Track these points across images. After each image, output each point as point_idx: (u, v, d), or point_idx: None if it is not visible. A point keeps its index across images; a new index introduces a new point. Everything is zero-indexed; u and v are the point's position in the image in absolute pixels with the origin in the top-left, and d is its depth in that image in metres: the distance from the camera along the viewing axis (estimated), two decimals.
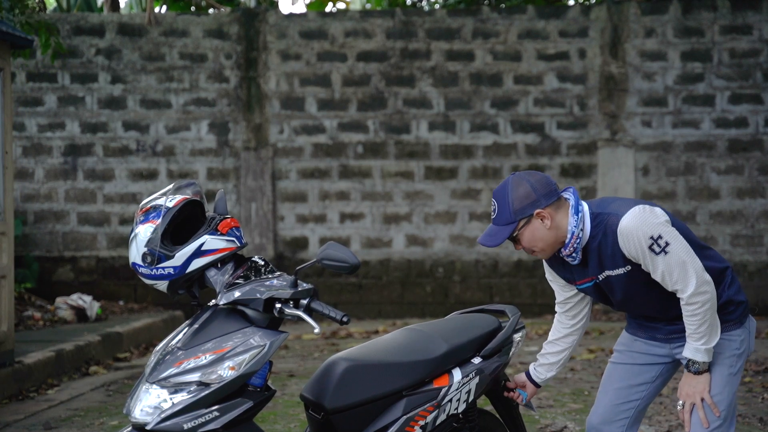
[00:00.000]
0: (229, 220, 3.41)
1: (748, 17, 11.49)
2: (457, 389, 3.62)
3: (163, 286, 3.36)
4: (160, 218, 3.32)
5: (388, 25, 11.73)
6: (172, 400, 3.16)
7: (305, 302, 3.31)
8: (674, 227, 3.39)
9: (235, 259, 3.42)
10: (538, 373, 3.82)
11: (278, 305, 3.28)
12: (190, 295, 3.44)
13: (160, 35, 11.74)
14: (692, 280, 3.31)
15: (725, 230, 11.44)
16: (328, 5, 14.86)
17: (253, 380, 3.27)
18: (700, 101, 11.49)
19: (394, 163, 11.67)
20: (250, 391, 3.28)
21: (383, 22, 11.74)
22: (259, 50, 11.74)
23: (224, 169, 11.73)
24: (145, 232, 3.32)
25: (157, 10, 13.52)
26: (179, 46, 11.76)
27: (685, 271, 3.31)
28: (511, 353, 3.84)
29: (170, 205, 3.36)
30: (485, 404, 4.69)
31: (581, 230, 3.41)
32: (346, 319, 3.30)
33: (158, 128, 11.75)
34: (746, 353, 3.51)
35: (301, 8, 23.13)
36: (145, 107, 11.77)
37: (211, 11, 12.89)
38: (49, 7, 13.96)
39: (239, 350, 3.21)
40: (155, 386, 3.20)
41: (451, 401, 3.61)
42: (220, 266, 3.37)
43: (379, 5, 14.58)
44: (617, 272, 3.43)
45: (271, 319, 3.33)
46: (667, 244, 3.31)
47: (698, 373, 3.41)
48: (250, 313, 3.31)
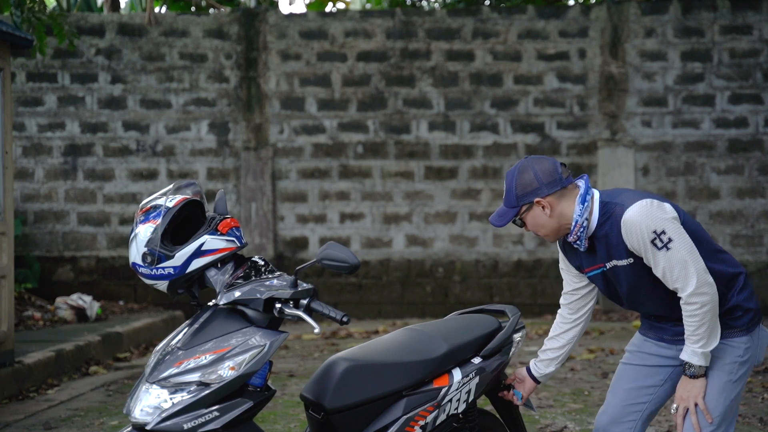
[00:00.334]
0: (229, 220, 3.41)
1: (748, 17, 11.49)
2: (457, 389, 3.62)
3: (163, 286, 3.36)
4: (160, 218, 3.32)
5: (388, 25, 11.72)
6: (172, 400, 3.16)
7: (305, 302, 3.31)
8: (685, 226, 3.36)
9: (235, 259, 3.42)
10: (537, 368, 3.82)
11: (278, 305, 3.28)
12: (190, 295, 3.44)
13: (160, 35, 11.74)
14: (692, 279, 3.28)
15: (725, 230, 11.44)
16: (328, 5, 14.86)
17: (253, 380, 3.27)
18: (700, 101, 11.49)
19: (394, 163, 11.67)
20: (250, 391, 3.27)
21: (383, 22, 11.74)
22: (259, 50, 11.73)
23: (224, 169, 11.72)
24: (145, 232, 3.32)
25: (157, 10, 13.53)
26: (179, 46, 11.76)
27: (686, 269, 3.29)
28: (511, 353, 3.85)
29: (170, 205, 3.36)
30: (485, 404, 4.69)
31: (586, 219, 3.43)
32: (346, 319, 3.30)
33: (158, 128, 11.74)
34: (751, 363, 3.47)
35: (301, 8, 23.13)
36: (145, 107, 11.77)
37: (211, 11, 12.88)
38: (48, 6, 13.94)
39: (239, 350, 3.21)
40: (155, 386, 3.20)
41: (451, 401, 3.61)
42: (220, 266, 3.37)
43: (378, 4, 14.58)
44: (622, 263, 3.44)
45: (271, 319, 3.33)
46: (670, 240, 3.29)
47: (694, 377, 3.39)
48: (250, 313, 3.31)
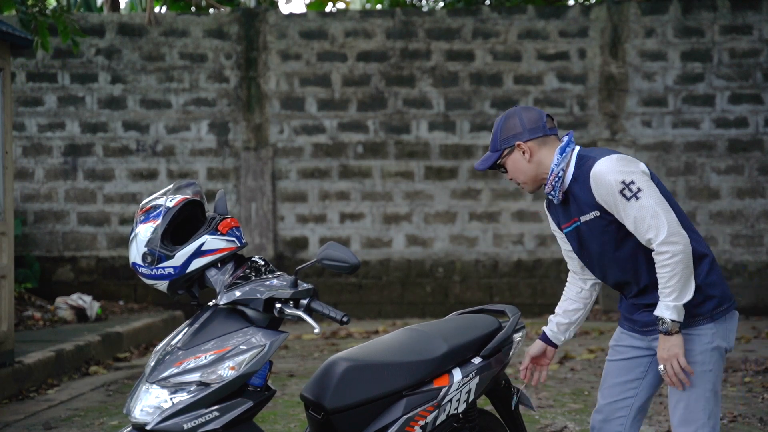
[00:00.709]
0: (229, 220, 3.41)
1: (748, 17, 11.49)
2: (457, 389, 3.62)
3: (163, 286, 3.36)
4: (160, 218, 3.33)
5: (388, 25, 11.72)
6: (172, 400, 3.16)
7: (305, 302, 3.31)
8: (655, 185, 3.39)
9: (235, 259, 3.42)
10: (554, 333, 3.80)
11: (278, 305, 3.28)
12: (190, 295, 3.44)
13: (160, 35, 11.74)
14: (663, 228, 3.30)
15: (725, 230, 11.44)
16: (328, 5, 14.86)
17: (253, 380, 3.27)
18: (700, 101, 11.49)
19: (394, 163, 11.67)
20: (250, 391, 3.27)
21: (383, 22, 11.74)
22: (259, 50, 11.73)
23: (224, 169, 11.72)
24: (145, 232, 3.32)
25: (157, 10, 13.52)
26: (179, 46, 11.76)
27: (657, 218, 3.31)
28: (511, 353, 3.85)
29: (170, 205, 3.36)
30: (485, 404, 4.69)
31: (563, 169, 3.47)
32: (346, 319, 3.30)
33: (158, 128, 11.74)
34: (721, 349, 3.45)
35: (301, 8, 23.13)
36: (145, 107, 11.77)
37: (211, 11, 12.88)
38: (48, 6, 13.92)
39: (239, 350, 3.21)
40: (155, 386, 3.20)
41: (451, 401, 3.61)
42: (220, 266, 3.37)
43: (379, 3, 14.58)
44: (589, 216, 3.46)
45: (271, 319, 3.33)
46: (639, 189, 3.32)
47: (668, 333, 3.35)
48: (250, 313, 3.31)
